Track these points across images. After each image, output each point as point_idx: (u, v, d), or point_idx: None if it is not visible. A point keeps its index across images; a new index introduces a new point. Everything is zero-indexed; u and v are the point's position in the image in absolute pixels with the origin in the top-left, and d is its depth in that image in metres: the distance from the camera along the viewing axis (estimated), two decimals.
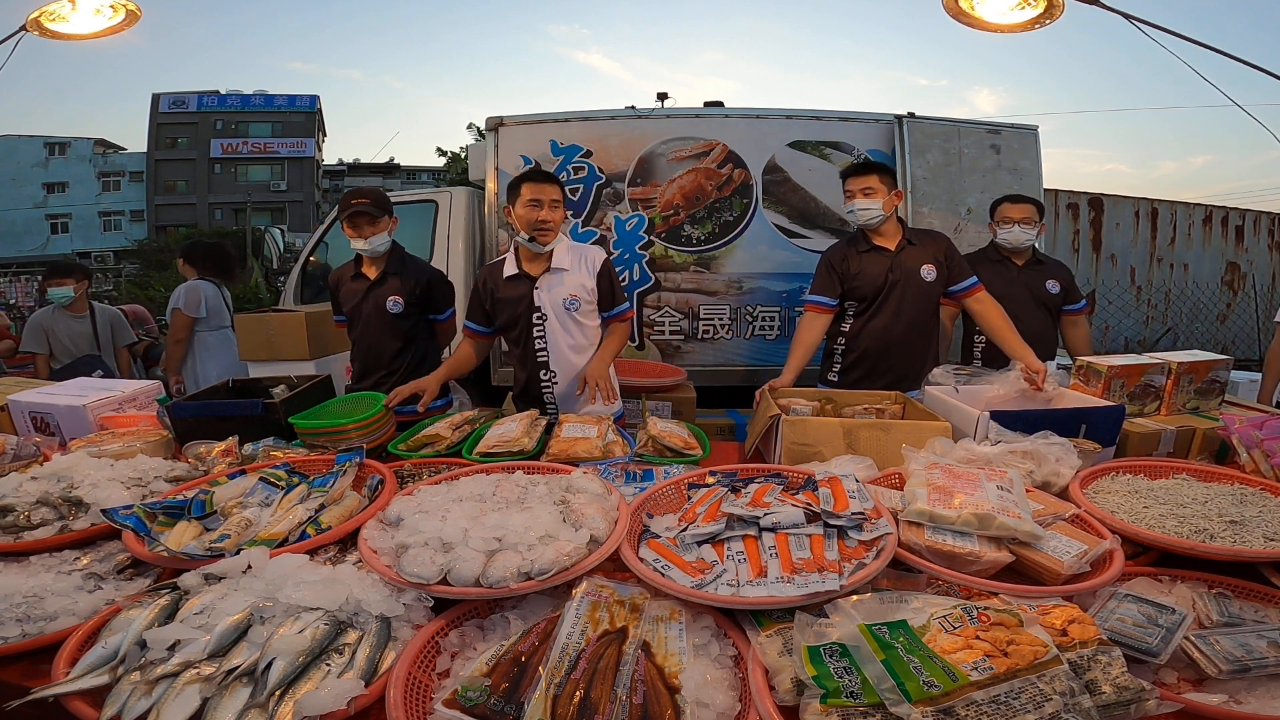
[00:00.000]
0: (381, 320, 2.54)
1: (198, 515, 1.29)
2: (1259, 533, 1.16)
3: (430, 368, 2.62)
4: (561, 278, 2.18)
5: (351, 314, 2.60)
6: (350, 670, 0.91)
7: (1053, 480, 1.41)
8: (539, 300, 2.17)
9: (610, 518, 1.21)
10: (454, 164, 21.59)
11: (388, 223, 2.53)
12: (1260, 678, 0.88)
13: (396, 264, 2.57)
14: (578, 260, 2.20)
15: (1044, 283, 2.75)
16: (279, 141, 31.88)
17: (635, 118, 4.21)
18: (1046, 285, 2.75)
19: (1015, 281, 2.70)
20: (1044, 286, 2.75)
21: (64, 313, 3.74)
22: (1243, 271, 7.52)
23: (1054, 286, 2.76)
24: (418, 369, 2.57)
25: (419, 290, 2.56)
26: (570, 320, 2.19)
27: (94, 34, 2.77)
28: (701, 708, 0.85)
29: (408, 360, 2.58)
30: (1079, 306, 2.86)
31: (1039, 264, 2.80)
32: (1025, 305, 2.60)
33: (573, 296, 2.17)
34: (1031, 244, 2.77)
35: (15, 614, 1.05)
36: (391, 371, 2.54)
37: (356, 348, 2.65)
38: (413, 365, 2.58)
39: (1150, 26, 2.94)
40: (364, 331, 2.58)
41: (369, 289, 2.55)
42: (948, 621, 0.91)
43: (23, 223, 29.63)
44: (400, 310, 2.52)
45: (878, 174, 2.31)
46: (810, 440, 1.62)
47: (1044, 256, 2.86)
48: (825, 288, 2.38)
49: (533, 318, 2.19)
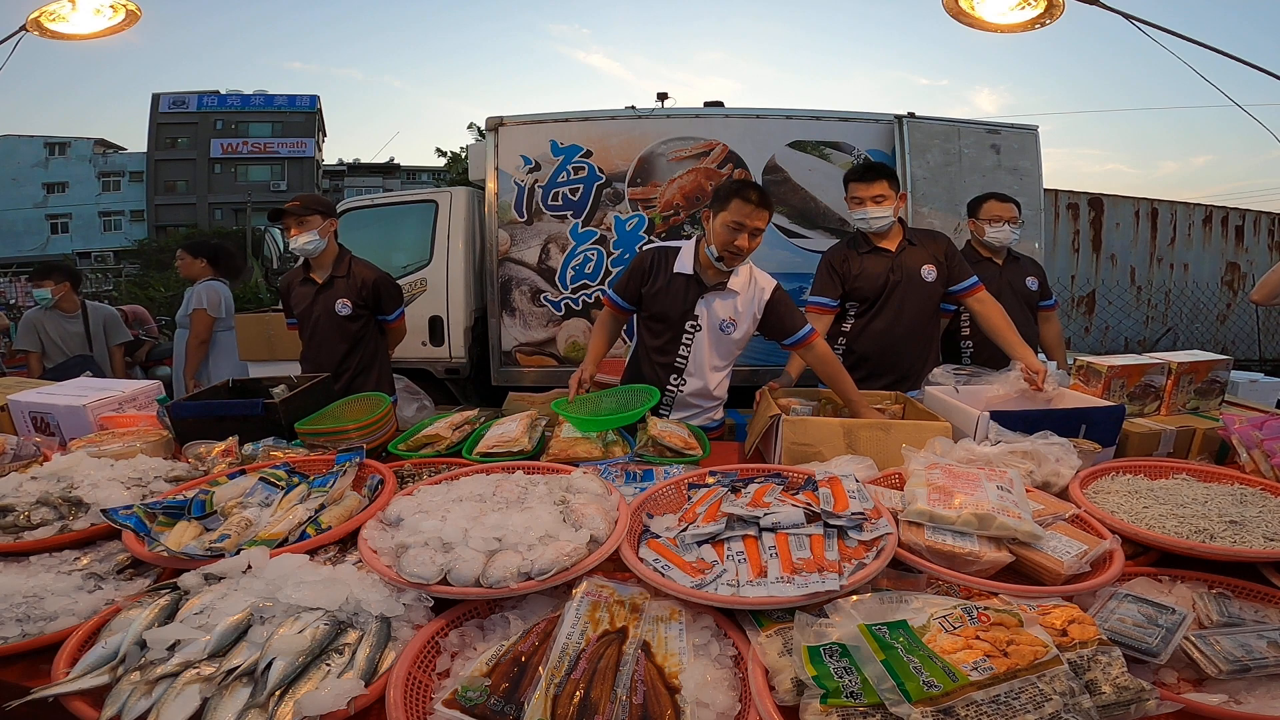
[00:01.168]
0: (331, 323, 2.58)
1: (198, 515, 1.29)
2: (1259, 533, 1.16)
3: (380, 368, 2.72)
4: (730, 299, 2.12)
5: (302, 317, 2.64)
6: (350, 670, 0.91)
7: (1053, 480, 1.41)
8: (700, 310, 2.12)
9: (610, 518, 1.21)
10: (454, 164, 21.60)
11: (318, 223, 2.53)
12: (1260, 678, 0.88)
13: (344, 267, 2.61)
14: (750, 285, 2.14)
15: (1024, 279, 2.80)
16: (279, 141, 31.89)
17: (635, 118, 4.21)
18: (1026, 282, 2.80)
19: (998, 280, 2.71)
20: (1024, 283, 2.80)
21: (56, 312, 3.73)
22: (1243, 271, 7.51)
23: (1033, 283, 2.82)
24: (366, 370, 2.64)
25: (366, 292, 2.60)
26: (720, 340, 2.15)
27: (94, 34, 2.77)
28: (701, 708, 0.85)
29: (356, 361, 2.62)
30: (1051, 303, 2.94)
31: (1016, 261, 2.85)
32: (1009, 303, 2.61)
33: (730, 320, 2.12)
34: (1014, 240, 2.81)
35: (15, 614, 1.05)
36: (340, 373, 2.57)
37: (306, 350, 2.68)
38: (362, 366, 2.63)
39: (1150, 26, 2.94)
40: (314, 334, 2.62)
41: (317, 292, 2.58)
42: (948, 621, 0.91)
43: (23, 223, 29.65)
44: (349, 312, 2.56)
45: (887, 180, 2.30)
46: (810, 440, 1.62)
47: (1018, 254, 2.90)
48: (826, 289, 2.38)
49: (686, 324, 2.13)
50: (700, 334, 2.13)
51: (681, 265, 2.13)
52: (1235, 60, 3.08)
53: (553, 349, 4.31)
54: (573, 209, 4.17)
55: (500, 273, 4.24)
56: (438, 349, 4.45)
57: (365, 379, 2.65)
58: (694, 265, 2.11)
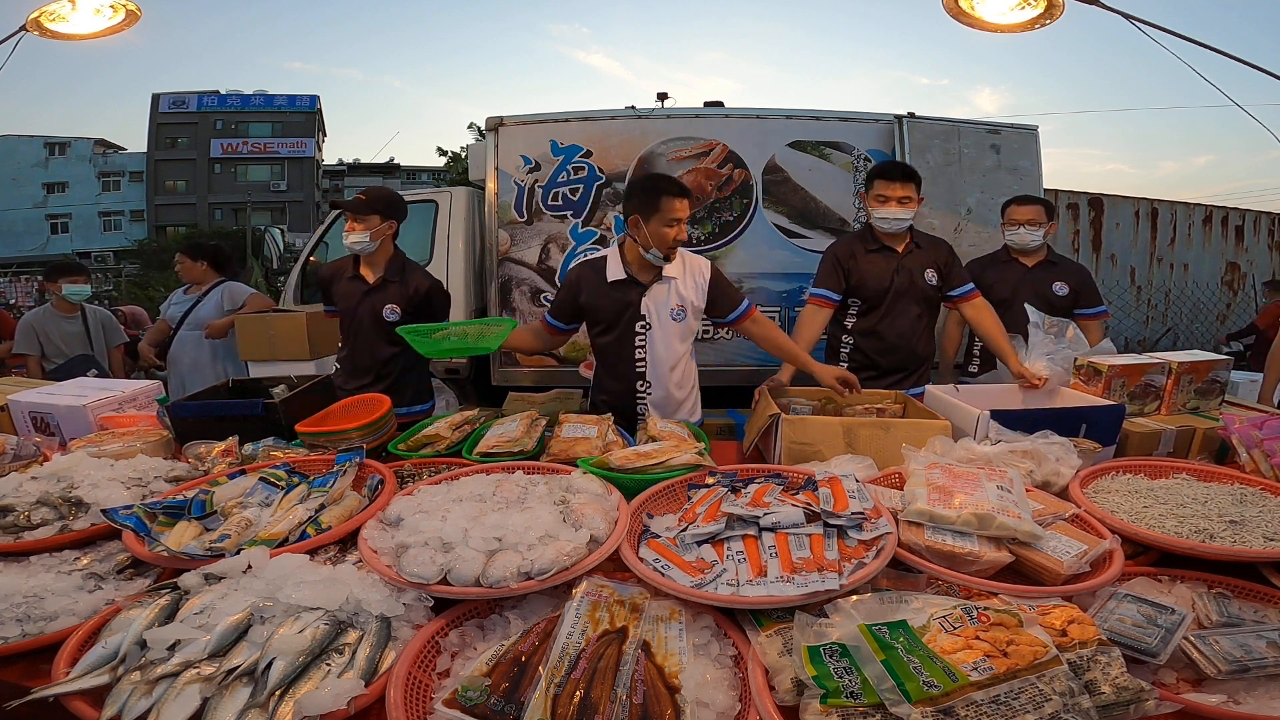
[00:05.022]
0: (377, 327, 2.49)
1: (198, 515, 1.29)
2: (1259, 533, 1.17)
3: (419, 374, 2.64)
4: (670, 286, 2.11)
5: (345, 314, 2.56)
6: (350, 670, 0.91)
7: (1053, 480, 1.41)
8: (645, 307, 2.11)
9: (610, 518, 1.21)
10: (454, 164, 21.60)
11: (375, 223, 2.44)
12: (1259, 678, 0.88)
13: (396, 271, 2.51)
14: (684, 268, 2.14)
15: (1051, 284, 2.75)
16: (279, 141, 31.89)
17: (635, 118, 4.21)
18: (1053, 287, 2.75)
19: (1019, 282, 2.71)
20: (1050, 288, 2.74)
21: (56, 313, 3.73)
22: (1243, 271, 7.51)
23: (1061, 289, 2.75)
24: (406, 374, 2.57)
25: (418, 299, 2.50)
26: (675, 330, 2.14)
27: (94, 34, 2.77)
28: (701, 708, 0.85)
29: (398, 367, 2.54)
30: (1092, 311, 2.78)
31: (1052, 265, 2.80)
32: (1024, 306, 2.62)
33: (679, 307, 2.12)
34: (1041, 244, 2.77)
35: (15, 614, 1.05)
36: (380, 377, 2.51)
37: (346, 348, 2.60)
38: (402, 371, 2.56)
39: (1150, 26, 2.94)
40: (357, 335, 2.54)
41: (366, 293, 2.50)
42: (948, 622, 0.91)
43: (23, 223, 29.65)
44: (397, 319, 2.47)
45: (915, 183, 2.29)
46: (810, 439, 1.62)
47: (1058, 258, 2.85)
48: (830, 282, 2.38)
49: (636, 325, 2.12)
50: (651, 332, 2.13)
51: (613, 273, 2.12)
52: (1235, 60, 3.08)
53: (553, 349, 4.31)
54: (573, 209, 4.17)
55: (500, 273, 4.24)
56: None
57: (404, 384, 2.56)
58: (625, 269, 2.12)
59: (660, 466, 1.45)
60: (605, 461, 1.46)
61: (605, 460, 1.47)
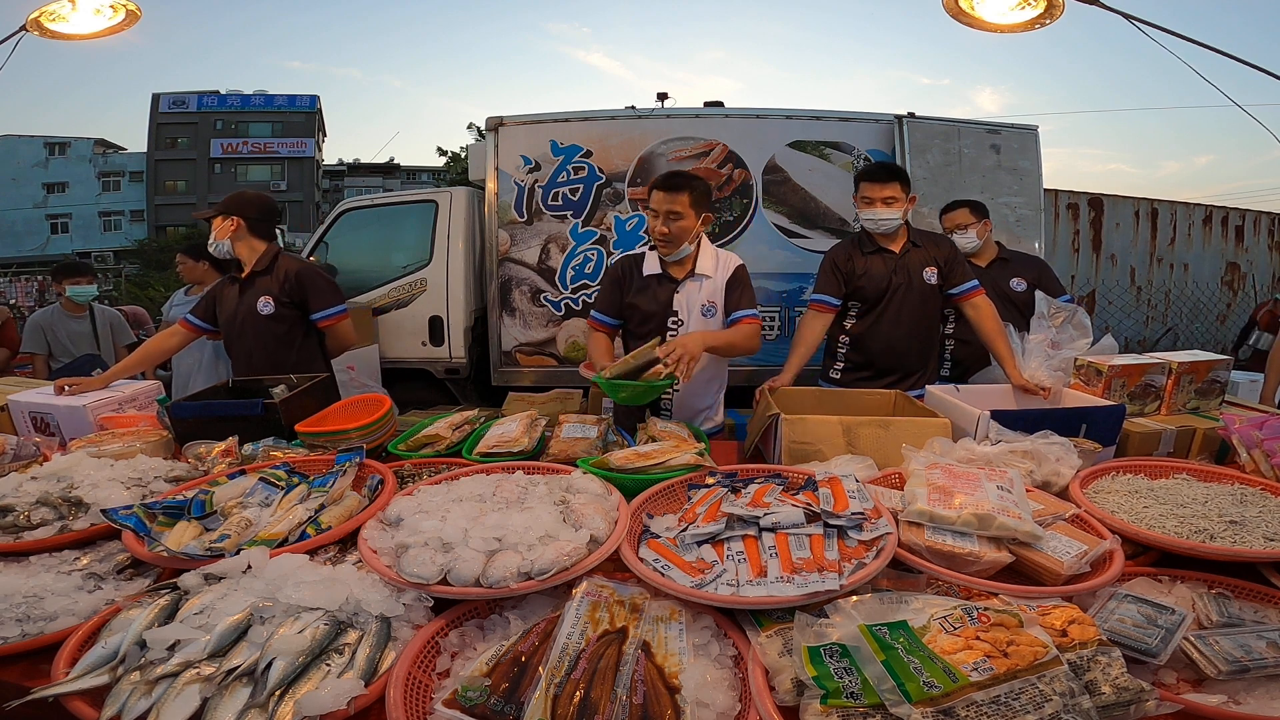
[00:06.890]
0: (255, 324, 2.33)
1: (198, 515, 1.29)
2: (1259, 533, 1.16)
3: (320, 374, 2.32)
4: (703, 284, 2.14)
5: (227, 321, 2.40)
6: (350, 670, 0.91)
7: (1053, 480, 1.41)
8: (678, 304, 2.13)
9: (610, 518, 1.21)
10: (454, 164, 21.61)
11: (219, 224, 2.33)
12: (1259, 678, 0.88)
13: (266, 261, 2.37)
14: (717, 265, 2.16)
15: (1009, 281, 2.87)
16: (279, 141, 31.91)
17: (635, 118, 4.22)
18: (1011, 284, 2.86)
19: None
20: (1009, 285, 2.86)
21: (64, 313, 3.74)
22: (1243, 271, 7.51)
23: (1019, 284, 2.86)
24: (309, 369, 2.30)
25: (289, 285, 2.32)
26: (707, 326, 2.14)
27: (94, 34, 2.77)
28: (701, 708, 0.85)
29: (288, 369, 2.27)
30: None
31: (1005, 262, 2.92)
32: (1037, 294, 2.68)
33: (711, 303, 2.13)
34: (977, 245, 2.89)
35: (15, 614, 1.05)
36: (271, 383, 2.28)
37: (231, 355, 2.45)
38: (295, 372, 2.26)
39: (1150, 26, 2.94)
40: (240, 337, 2.37)
41: (240, 291, 2.37)
42: (948, 622, 0.91)
43: (23, 223, 29.66)
44: (271, 311, 2.31)
45: (900, 182, 2.29)
46: (810, 439, 1.62)
47: (1010, 254, 2.98)
48: (829, 287, 2.38)
49: (668, 321, 2.14)
50: (683, 328, 2.14)
51: (650, 268, 2.19)
52: (1235, 60, 3.08)
53: (553, 349, 4.31)
54: (573, 209, 4.17)
55: (500, 273, 4.25)
56: (438, 349, 4.46)
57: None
58: (660, 264, 2.17)
59: (660, 467, 1.45)
60: (605, 461, 1.47)
61: (605, 460, 1.47)
